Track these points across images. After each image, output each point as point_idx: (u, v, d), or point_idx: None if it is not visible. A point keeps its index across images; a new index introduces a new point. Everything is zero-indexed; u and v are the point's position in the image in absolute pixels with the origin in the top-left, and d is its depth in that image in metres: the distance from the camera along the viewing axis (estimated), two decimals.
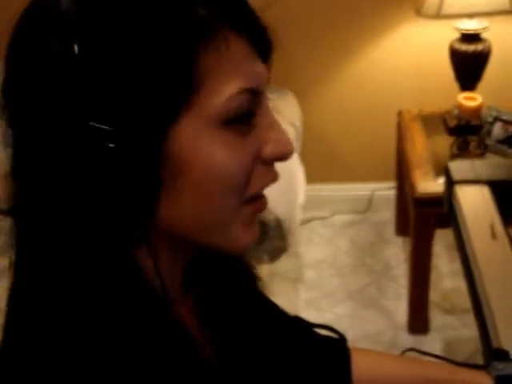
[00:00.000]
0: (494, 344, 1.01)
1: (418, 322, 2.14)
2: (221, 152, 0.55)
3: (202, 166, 0.54)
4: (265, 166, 0.59)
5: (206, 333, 0.66)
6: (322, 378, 0.84)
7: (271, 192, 0.63)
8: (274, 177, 0.61)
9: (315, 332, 0.88)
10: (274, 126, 0.60)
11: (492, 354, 0.97)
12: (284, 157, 0.60)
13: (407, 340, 2.12)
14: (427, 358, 0.90)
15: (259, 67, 0.57)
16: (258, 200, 0.61)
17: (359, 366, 0.86)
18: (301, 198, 1.88)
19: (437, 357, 0.92)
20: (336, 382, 0.84)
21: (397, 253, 2.45)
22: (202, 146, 0.54)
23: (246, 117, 0.56)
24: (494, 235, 1.30)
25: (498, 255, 1.24)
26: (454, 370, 0.87)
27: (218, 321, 0.68)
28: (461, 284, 2.17)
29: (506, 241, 1.27)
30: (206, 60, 0.53)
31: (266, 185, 0.61)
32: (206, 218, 0.57)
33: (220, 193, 0.56)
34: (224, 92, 0.54)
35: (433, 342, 2.11)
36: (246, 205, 0.59)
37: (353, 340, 2.15)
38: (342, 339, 0.89)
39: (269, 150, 0.58)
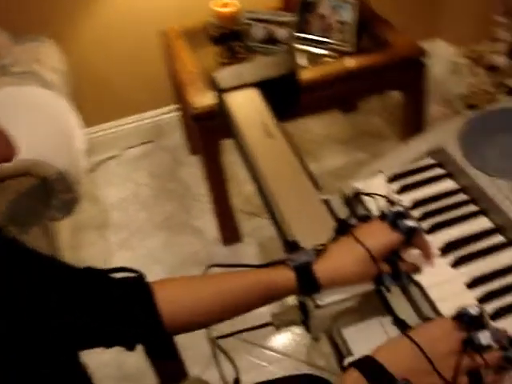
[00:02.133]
0: (288, 237, 1.05)
1: (229, 232, 2.20)
2: None
3: None
4: None
5: None
6: (126, 318, 0.82)
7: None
8: None
9: (109, 278, 0.85)
10: None
11: (287, 246, 1.02)
12: None
13: (223, 253, 2.18)
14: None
15: None
16: None
17: (165, 295, 0.85)
18: (80, 144, 1.78)
19: (240, 266, 0.94)
20: (142, 318, 0.83)
21: (194, 172, 2.47)
22: None
23: None
24: (269, 134, 1.34)
25: (276, 152, 1.28)
26: (258, 273, 0.89)
27: None
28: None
29: (281, 137, 1.32)
30: None
31: None
32: None
33: None
34: None
35: (248, 249, 2.19)
36: None
37: (172, 267, 2.17)
38: (138, 276, 0.87)
39: None
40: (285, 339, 1.87)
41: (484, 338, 0.76)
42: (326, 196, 1.16)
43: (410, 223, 0.90)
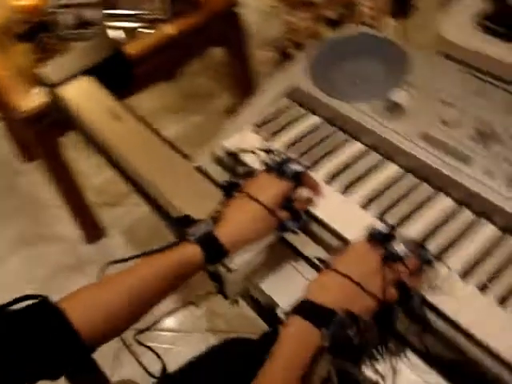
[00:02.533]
0: (176, 214, 1.03)
1: (90, 229, 2.11)
2: None
3: None
4: None
5: None
6: (45, 348, 0.75)
7: None
8: None
9: (9, 310, 0.77)
10: None
11: (179, 223, 0.99)
12: None
13: (91, 251, 2.09)
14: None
15: None
16: None
17: (78, 315, 0.78)
18: None
19: (140, 255, 0.89)
20: (62, 343, 0.76)
21: (36, 179, 2.31)
22: None
23: None
24: (116, 117, 1.28)
25: (130, 133, 1.23)
26: (163, 257, 0.85)
27: None
28: (108, 174, 2.18)
29: (129, 117, 1.27)
30: None
31: None
32: None
33: None
34: None
35: (114, 241, 2.12)
36: None
37: (47, 280, 2.03)
38: (42, 299, 0.79)
39: None
40: (177, 318, 1.86)
41: (399, 248, 0.80)
42: (197, 163, 1.14)
43: (295, 167, 0.92)
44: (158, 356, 0.93)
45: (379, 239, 0.81)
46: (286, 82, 1.14)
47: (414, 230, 0.89)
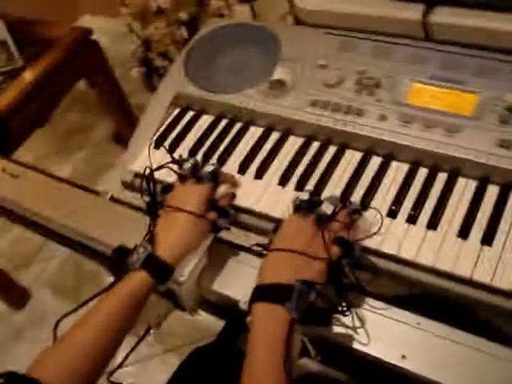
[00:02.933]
0: (110, 249, 1.01)
1: (15, 298, 2.06)
2: None
3: None
4: None
5: None
6: None
7: None
8: None
9: None
10: None
11: (115, 257, 0.98)
12: None
13: (24, 316, 2.03)
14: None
15: None
16: None
17: (50, 375, 0.77)
18: None
19: (87, 302, 0.88)
20: None
21: None
22: None
23: None
24: (13, 175, 1.25)
25: (32, 186, 1.21)
26: (114, 295, 0.84)
27: None
28: (11, 236, 2.10)
29: (25, 170, 1.25)
30: None
31: None
32: None
33: None
34: None
35: (42, 297, 2.06)
36: None
37: None
38: (10, 375, 0.77)
39: None
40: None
41: (327, 208, 0.85)
42: (109, 194, 1.14)
43: (208, 169, 0.95)
44: None
45: (306, 208, 0.86)
46: (170, 92, 1.16)
47: (334, 188, 0.95)
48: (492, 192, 0.88)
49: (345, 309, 0.83)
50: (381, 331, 0.83)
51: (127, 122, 2.27)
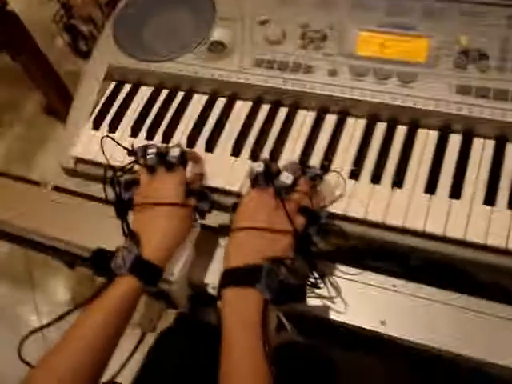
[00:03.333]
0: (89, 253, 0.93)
1: None
2: None
3: None
4: None
5: None
6: None
7: None
8: None
9: None
10: None
11: (95, 260, 0.90)
12: None
13: None
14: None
15: None
16: None
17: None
18: None
19: (71, 311, 0.80)
20: None
21: None
22: None
23: None
24: None
25: None
26: (103, 302, 0.77)
27: None
28: None
29: None
30: None
31: None
32: None
33: None
34: None
35: None
36: None
37: None
38: None
39: None
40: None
41: (286, 178, 0.79)
42: (51, 183, 1.07)
43: (175, 152, 0.86)
44: None
45: (263, 180, 0.80)
46: (102, 65, 1.07)
47: (290, 154, 0.90)
48: (454, 141, 0.85)
49: (318, 280, 0.79)
50: (357, 298, 0.81)
51: (57, 92, 2.14)
